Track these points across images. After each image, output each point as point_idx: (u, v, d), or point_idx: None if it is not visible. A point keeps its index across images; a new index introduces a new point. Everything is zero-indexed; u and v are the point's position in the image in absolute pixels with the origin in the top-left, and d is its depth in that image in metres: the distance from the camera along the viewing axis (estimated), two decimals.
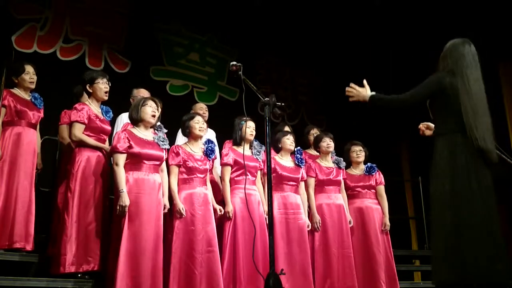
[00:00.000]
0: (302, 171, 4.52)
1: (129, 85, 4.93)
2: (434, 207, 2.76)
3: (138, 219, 3.50)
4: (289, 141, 4.50)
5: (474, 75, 2.81)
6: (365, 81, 3.00)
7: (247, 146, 4.31)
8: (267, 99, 2.96)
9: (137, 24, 6.49)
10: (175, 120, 4.49)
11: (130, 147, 3.60)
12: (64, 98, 4.55)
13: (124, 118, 4.45)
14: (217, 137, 4.89)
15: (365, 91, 2.97)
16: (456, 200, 2.66)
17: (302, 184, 4.54)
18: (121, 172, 3.53)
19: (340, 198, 4.66)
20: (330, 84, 8.27)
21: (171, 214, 3.83)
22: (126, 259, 3.38)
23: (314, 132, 5.13)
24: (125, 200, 3.46)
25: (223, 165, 4.20)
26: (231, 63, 3.07)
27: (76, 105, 3.91)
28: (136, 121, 3.76)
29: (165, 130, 4.31)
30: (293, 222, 4.29)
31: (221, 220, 4.10)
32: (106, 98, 4.03)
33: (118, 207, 3.45)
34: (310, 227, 4.43)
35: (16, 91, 3.96)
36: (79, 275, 3.64)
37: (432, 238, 2.76)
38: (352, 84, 3.01)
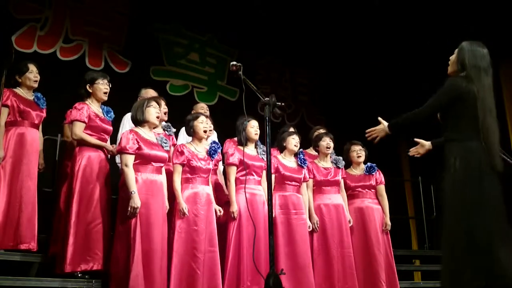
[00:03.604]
0: (305, 171, 4.52)
1: (129, 85, 4.93)
2: (447, 213, 2.72)
3: (148, 221, 3.50)
4: (294, 141, 4.50)
5: (489, 81, 2.79)
6: (379, 118, 3.09)
7: (251, 146, 4.32)
8: (267, 99, 2.96)
9: (137, 24, 6.49)
10: (175, 120, 4.50)
11: (139, 148, 3.59)
12: (64, 98, 4.55)
13: (129, 118, 4.44)
14: (218, 138, 4.89)
15: (383, 126, 3.04)
16: (470, 206, 2.63)
17: (304, 184, 4.54)
18: (131, 173, 3.52)
19: (339, 198, 4.65)
20: (330, 84, 8.29)
21: (172, 214, 3.82)
22: (139, 260, 3.37)
23: (319, 131, 5.09)
24: (137, 201, 3.45)
25: (228, 165, 4.20)
26: (231, 63, 3.07)
27: (76, 104, 3.92)
28: (140, 122, 3.75)
29: (174, 130, 4.33)
30: (295, 222, 4.29)
31: (225, 220, 4.10)
32: (106, 98, 4.04)
33: (129, 209, 3.43)
34: (310, 227, 4.43)
35: (19, 90, 3.96)
36: (79, 275, 3.64)
37: (443, 244, 2.72)
38: (368, 130, 3.10)
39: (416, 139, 3.23)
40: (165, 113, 4.31)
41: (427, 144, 3.15)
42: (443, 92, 2.81)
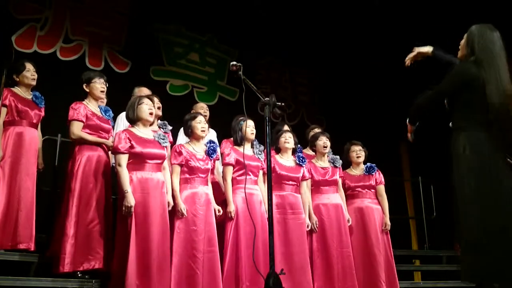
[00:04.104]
0: (304, 170, 4.49)
1: (129, 85, 4.93)
2: (459, 206, 2.63)
3: (145, 219, 3.49)
4: (283, 139, 4.47)
5: (500, 65, 2.65)
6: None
7: (248, 146, 4.30)
8: (267, 99, 2.96)
9: (137, 24, 6.49)
10: (175, 120, 4.50)
11: (131, 147, 3.58)
12: (64, 98, 4.54)
13: (124, 117, 4.45)
14: (217, 138, 4.88)
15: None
16: (482, 198, 2.54)
17: (304, 183, 4.50)
18: (124, 173, 3.52)
19: (337, 197, 4.62)
20: (330, 84, 8.29)
21: (172, 214, 3.82)
22: (135, 259, 3.37)
23: (315, 131, 5.09)
24: (130, 200, 3.45)
25: (225, 165, 4.19)
26: (231, 63, 3.07)
27: (72, 104, 3.92)
28: (133, 120, 3.75)
29: (170, 127, 4.33)
30: (292, 222, 4.27)
31: (223, 220, 4.09)
32: (103, 97, 4.06)
33: (124, 208, 3.43)
34: (309, 227, 4.42)
35: (17, 90, 3.96)
36: (79, 274, 3.64)
37: (459, 236, 2.63)
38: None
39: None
40: (158, 108, 4.25)
41: (427, 49, 3.01)
42: (450, 77, 2.70)
